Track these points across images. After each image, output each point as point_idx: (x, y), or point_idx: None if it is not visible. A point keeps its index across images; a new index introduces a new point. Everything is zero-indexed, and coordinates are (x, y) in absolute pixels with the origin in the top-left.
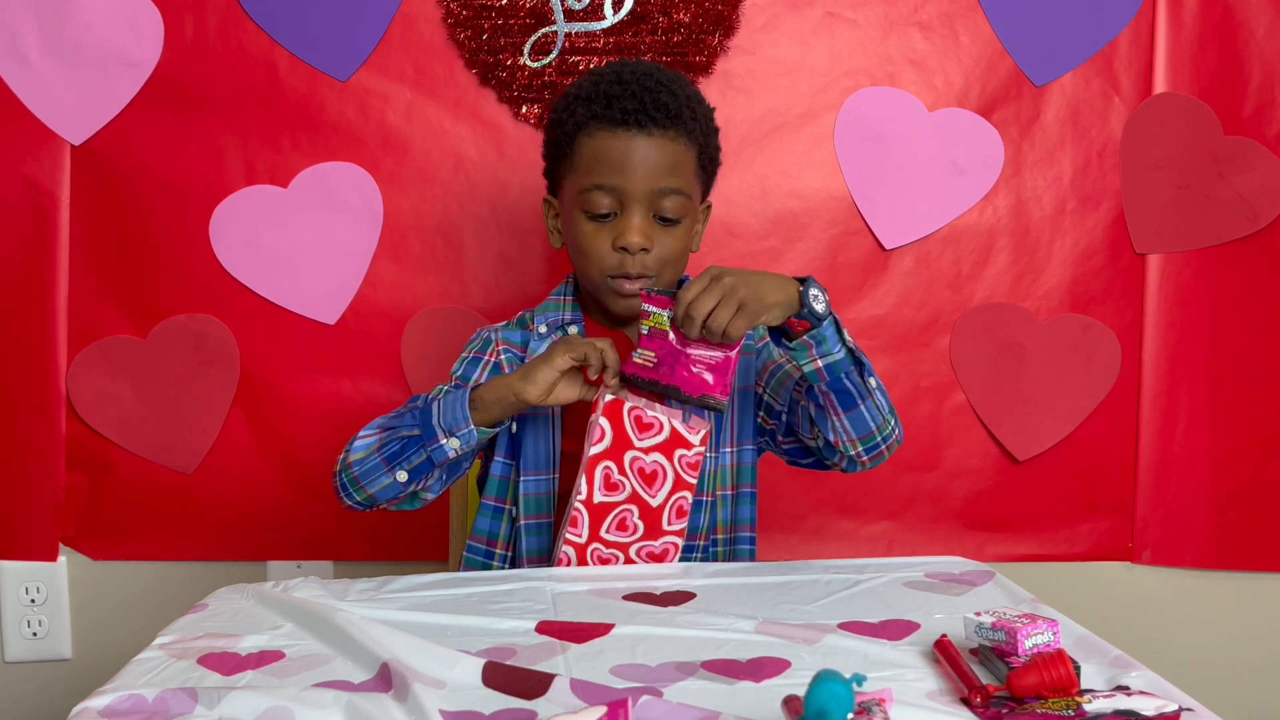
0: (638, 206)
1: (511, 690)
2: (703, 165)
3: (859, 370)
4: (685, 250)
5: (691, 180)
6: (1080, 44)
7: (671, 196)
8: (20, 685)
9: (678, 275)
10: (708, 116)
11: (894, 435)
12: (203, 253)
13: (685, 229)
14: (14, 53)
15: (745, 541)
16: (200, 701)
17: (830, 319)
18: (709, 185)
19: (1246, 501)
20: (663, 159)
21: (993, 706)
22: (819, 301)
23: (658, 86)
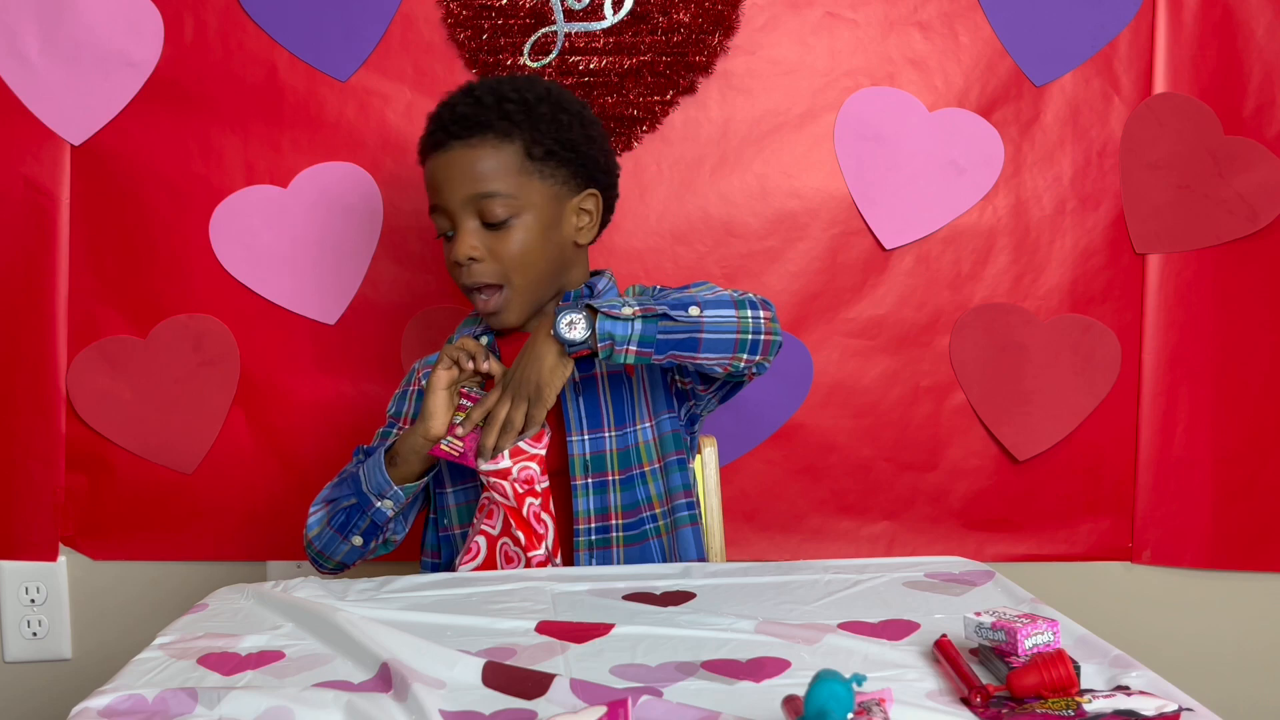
0: (461, 219)
1: (511, 690)
2: (534, 157)
3: (670, 320)
4: (530, 248)
5: (513, 177)
6: (1080, 44)
7: (489, 200)
8: (20, 685)
9: (537, 275)
10: (533, 109)
11: (759, 327)
12: (203, 253)
13: (524, 228)
14: (14, 53)
15: (684, 508)
16: (200, 701)
17: (592, 338)
18: (574, 176)
19: (1246, 501)
20: (470, 166)
21: (993, 706)
22: (574, 330)
23: (461, 100)
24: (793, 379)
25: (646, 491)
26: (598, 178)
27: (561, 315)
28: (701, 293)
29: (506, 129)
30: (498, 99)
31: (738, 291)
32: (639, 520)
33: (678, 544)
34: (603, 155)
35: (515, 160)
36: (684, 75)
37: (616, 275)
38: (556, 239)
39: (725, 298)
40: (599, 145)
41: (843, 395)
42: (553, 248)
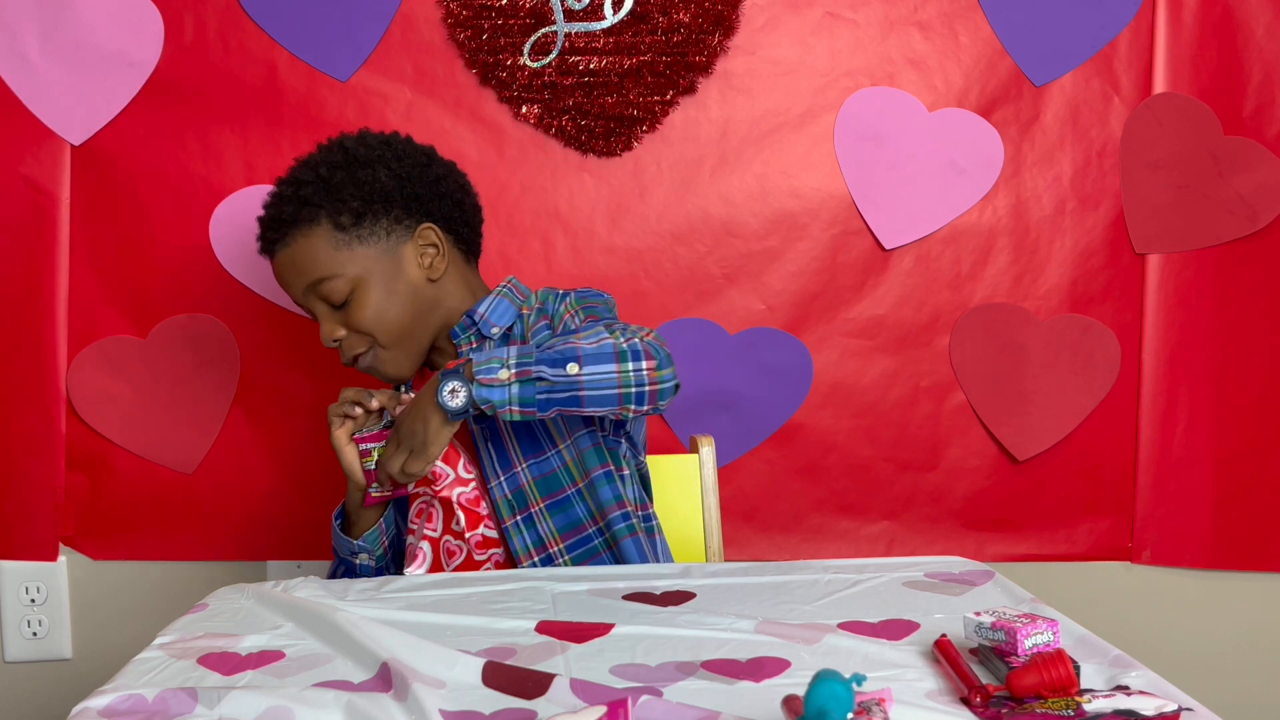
0: (312, 307)
1: (511, 690)
2: (344, 227)
3: (547, 381)
4: (382, 309)
5: (331, 256)
6: (1080, 44)
7: (319, 286)
8: (20, 685)
9: (398, 330)
10: (330, 182)
11: (641, 380)
12: (203, 253)
13: (365, 294)
14: (14, 53)
15: (619, 520)
16: (200, 701)
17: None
18: (395, 222)
19: (1246, 501)
20: (292, 263)
21: (992, 706)
22: (455, 398)
23: (269, 203)
24: (793, 379)
25: (586, 508)
26: (430, 208)
27: (444, 383)
28: (585, 342)
29: (309, 214)
30: (295, 187)
31: (625, 334)
32: (583, 539)
33: (622, 557)
34: (425, 184)
35: (326, 240)
36: (684, 75)
37: (617, 276)
38: (405, 287)
39: (607, 349)
40: (419, 176)
41: (843, 395)
42: (403, 298)
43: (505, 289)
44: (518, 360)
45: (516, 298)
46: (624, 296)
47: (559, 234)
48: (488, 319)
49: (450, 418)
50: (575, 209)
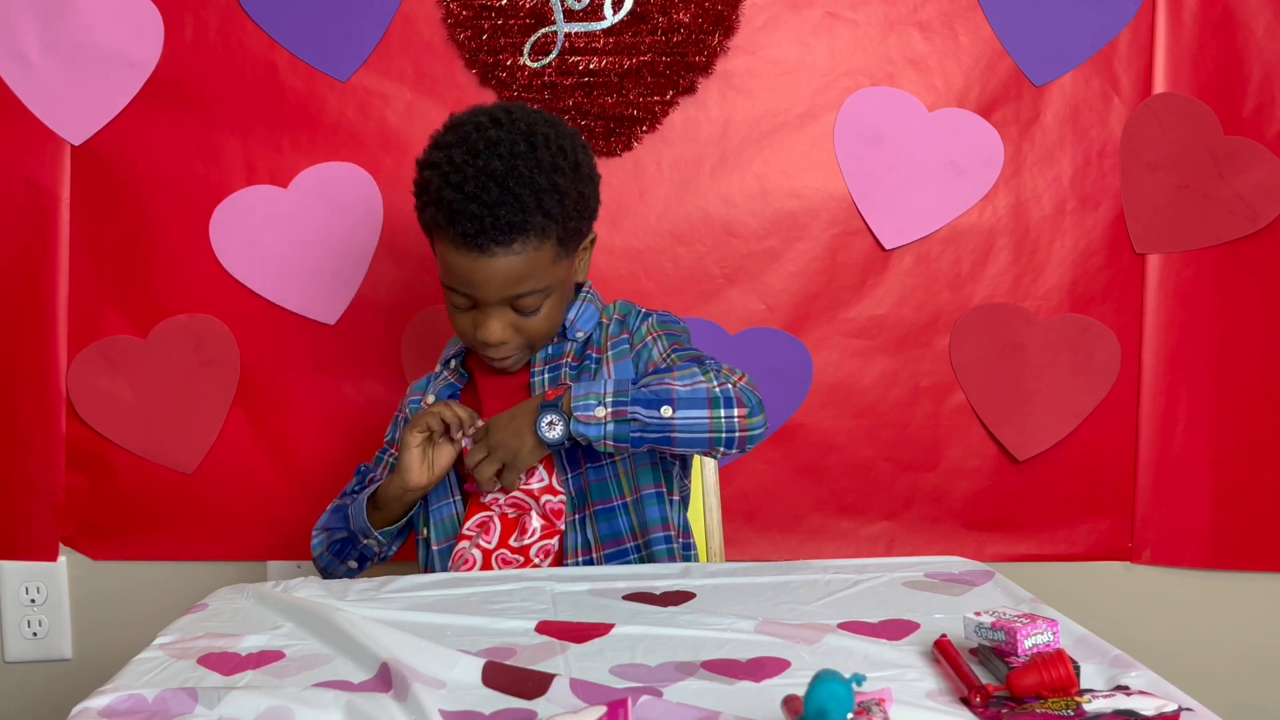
0: (492, 309)
1: (511, 690)
2: (564, 243)
3: (641, 423)
4: (555, 320)
5: (547, 270)
6: (1080, 44)
7: (525, 297)
8: (20, 685)
9: (552, 336)
10: (566, 193)
11: (732, 426)
12: (203, 253)
13: (551, 306)
14: (14, 53)
15: (660, 542)
16: (200, 701)
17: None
18: (580, 239)
19: (1246, 501)
20: (509, 273)
21: (992, 706)
22: (553, 431)
23: (499, 200)
24: (793, 379)
25: (629, 523)
26: (596, 214)
27: (543, 415)
28: (679, 384)
29: (544, 226)
30: (535, 195)
31: (719, 378)
32: (621, 551)
33: None
34: (597, 196)
35: (551, 255)
36: (684, 75)
37: (617, 276)
38: (566, 295)
39: (701, 394)
40: (595, 188)
41: (843, 395)
42: (563, 305)
43: (589, 294)
44: (614, 399)
45: (598, 304)
46: (624, 296)
47: None
48: (575, 324)
49: (546, 446)
50: None
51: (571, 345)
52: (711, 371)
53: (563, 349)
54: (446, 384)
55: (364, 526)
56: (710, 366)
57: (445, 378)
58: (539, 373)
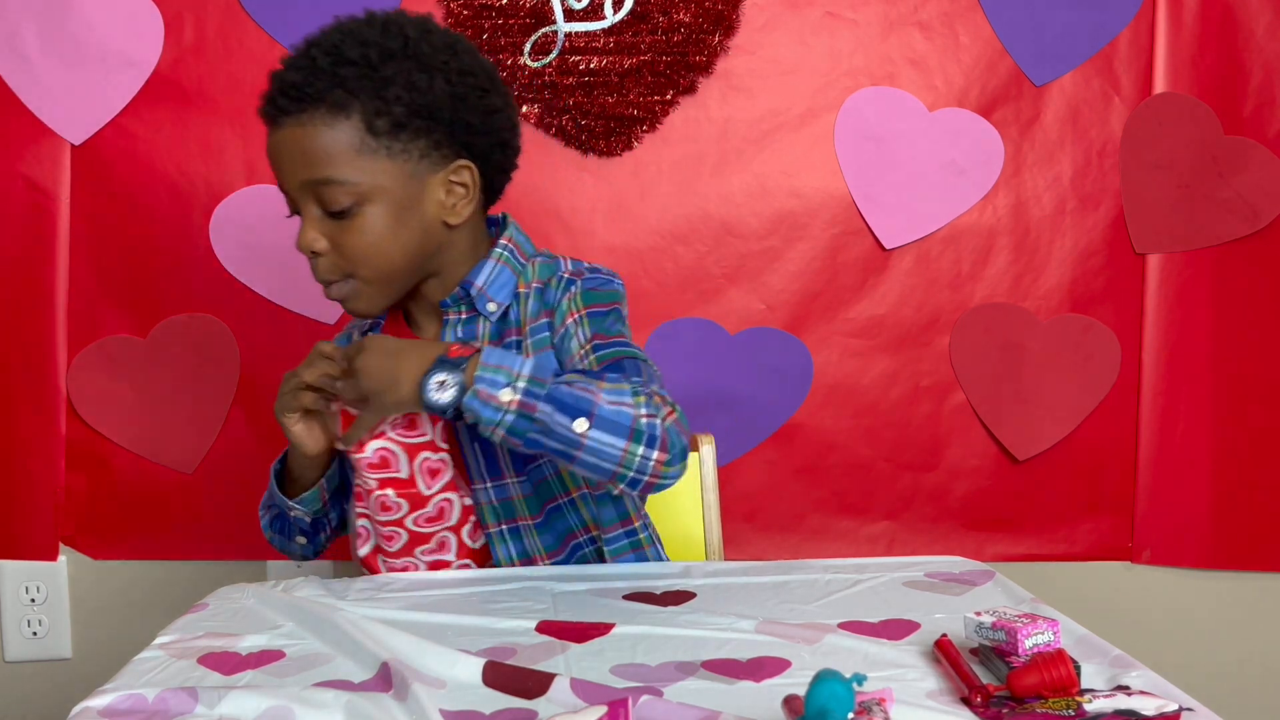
0: (301, 205)
1: (512, 690)
2: (378, 131)
3: (545, 426)
4: (382, 240)
5: (353, 159)
6: (1080, 44)
7: (326, 187)
8: (20, 685)
9: (390, 269)
10: (380, 70)
11: (644, 468)
12: (203, 253)
13: (371, 216)
14: (14, 52)
15: (621, 538)
16: (200, 701)
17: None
18: (434, 146)
19: (1246, 501)
20: (301, 148)
21: (993, 706)
22: (443, 393)
23: (293, 63)
24: (793, 379)
25: (579, 518)
26: (473, 144)
27: (436, 371)
28: (605, 400)
29: (342, 100)
30: (334, 61)
31: (649, 406)
32: (572, 549)
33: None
34: (479, 115)
35: (353, 138)
36: (684, 75)
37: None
38: (417, 223)
39: (625, 419)
40: (474, 103)
41: (843, 395)
42: (411, 234)
43: (506, 252)
44: (528, 385)
45: (517, 264)
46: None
47: (559, 234)
48: (485, 293)
49: (422, 406)
50: (575, 209)
51: (484, 324)
52: (643, 396)
53: (475, 330)
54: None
55: (281, 501)
56: (640, 386)
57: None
58: None
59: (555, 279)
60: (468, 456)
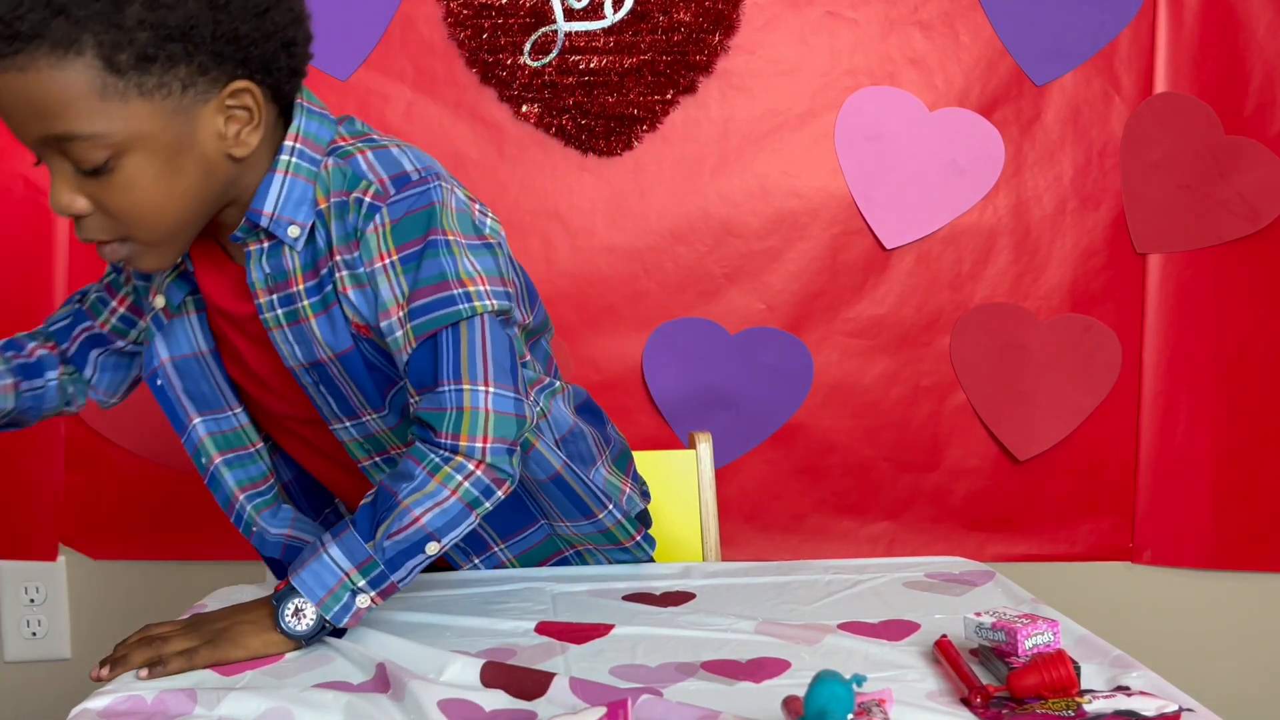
0: (47, 160)
1: (511, 690)
2: (119, 67)
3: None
4: (150, 195)
5: (89, 107)
6: (1081, 43)
7: (68, 144)
8: (20, 685)
9: (172, 222)
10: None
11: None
12: None
13: (133, 169)
14: None
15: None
16: (199, 702)
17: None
18: (198, 71)
19: (1246, 501)
20: (20, 100)
21: (993, 707)
22: (301, 620)
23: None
24: (793, 379)
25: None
26: (248, 56)
27: (284, 604)
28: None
29: (67, 33)
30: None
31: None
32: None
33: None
34: (248, 20)
35: (91, 79)
36: (684, 74)
37: (616, 275)
38: (194, 166)
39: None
40: (238, 6)
41: (843, 395)
42: (189, 180)
43: (294, 158)
44: (369, 579)
45: (310, 169)
46: (624, 297)
47: (559, 233)
48: (279, 217)
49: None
50: (575, 208)
51: (292, 254)
52: (446, 467)
53: (282, 263)
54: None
55: None
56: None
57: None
58: (268, 305)
59: (355, 201)
60: (317, 402)
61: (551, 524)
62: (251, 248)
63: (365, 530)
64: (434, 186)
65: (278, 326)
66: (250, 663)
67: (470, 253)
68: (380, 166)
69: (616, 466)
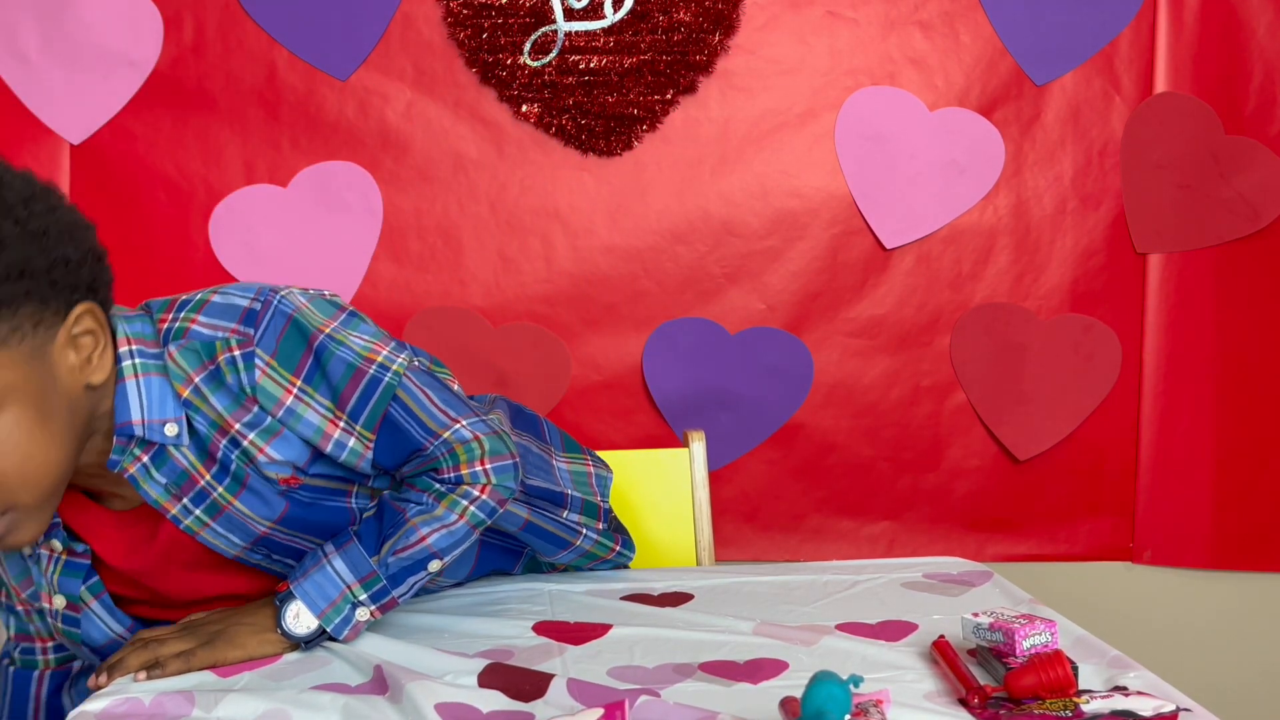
0: None
1: (509, 691)
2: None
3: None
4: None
5: None
6: (1081, 43)
7: None
8: None
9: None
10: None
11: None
12: (203, 253)
13: (11, 426)
14: (14, 52)
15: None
16: (197, 705)
17: (334, 630)
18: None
19: (1246, 501)
20: None
21: (990, 707)
22: (303, 625)
23: None
24: (793, 379)
25: None
26: (78, 281)
27: (286, 607)
28: (432, 532)
29: None
30: None
31: (465, 498)
32: None
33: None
34: (69, 244)
35: None
36: (684, 74)
37: (616, 275)
38: (60, 407)
39: (461, 532)
40: (56, 232)
41: (843, 395)
42: (60, 423)
43: (135, 359)
44: (370, 593)
45: (155, 364)
46: (624, 297)
47: (559, 233)
48: (151, 423)
49: (290, 641)
50: (575, 208)
51: (181, 451)
52: (452, 494)
53: (175, 465)
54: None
55: None
56: (447, 467)
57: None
58: (183, 512)
59: (225, 362)
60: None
61: (534, 555)
62: (132, 469)
63: (370, 544)
64: (278, 300)
65: (203, 527)
66: (248, 665)
67: (349, 330)
68: (220, 319)
69: (569, 453)
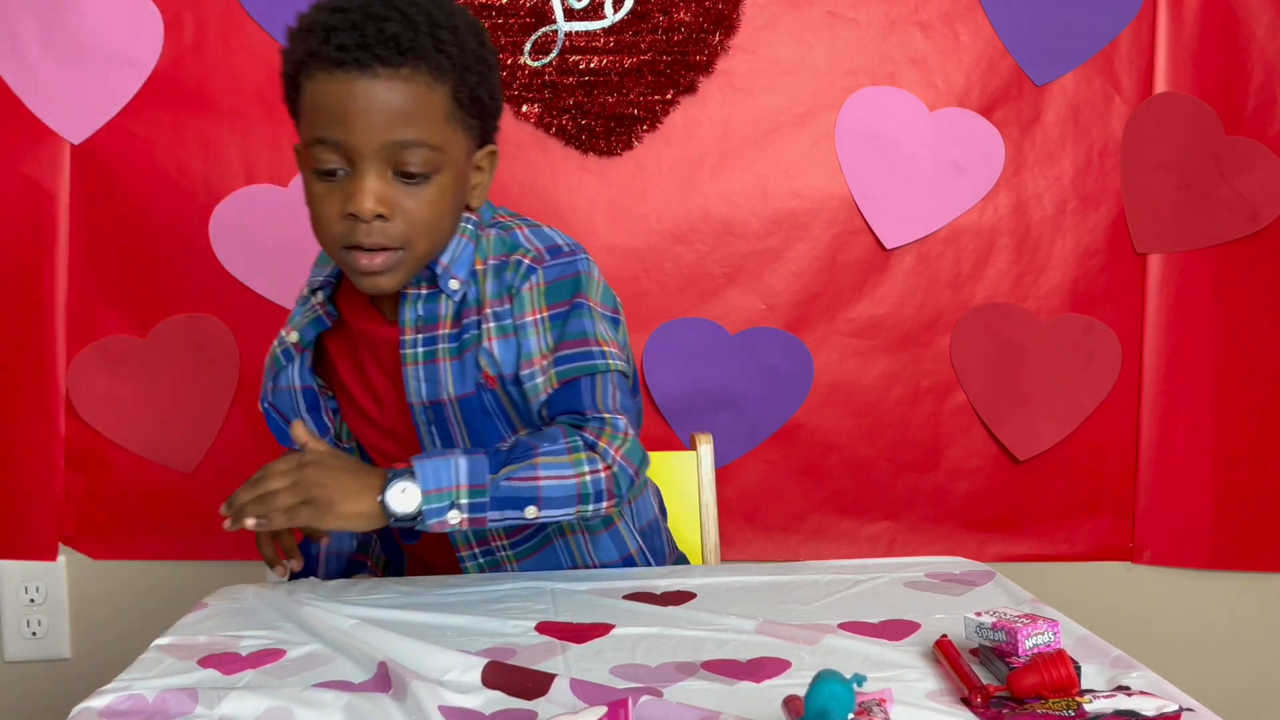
0: (369, 164)
1: (511, 690)
2: (461, 104)
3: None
4: (441, 212)
5: (440, 126)
6: (1081, 43)
7: (413, 149)
8: (20, 685)
9: (434, 244)
10: (465, 43)
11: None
12: (203, 252)
13: (439, 186)
14: (14, 52)
15: None
16: (200, 702)
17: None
18: (483, 128)
19: (1246, 501)
20: (394, 104)
21: (993, 707)
22: (404, 502)
23: (386, 12)
24: (793, 379)
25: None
26: (493, 129)
27: (394, 481)
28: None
29: (442, 64)
30: (431, 24)
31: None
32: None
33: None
34: (499, 94)
35: (446, 104)
36: (684, 74)
37: (616, 275)
38: (459, 201)
39: (570, 490)
40: (498, 92)
41: (843, 395)
42: (455, 211)
43: (470, 225)
44: (471, 500)
45: (474, 234)
46: (624, 297)
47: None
48: (450, 270)
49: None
50: (575, 208)
51: (447, 303)
52: (583, 452)
53: (436, 309)
54: (313, 317)
55: None
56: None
57: (314, 308)
58: (411, 343)
59: (514, 262)
60: (425, 441)
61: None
62: (409, 292)
63: (494, 465)
64: (581, 259)
65: (414, 363)
66: (250, 661)
67: (605, 320)
68: (536, 239)
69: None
